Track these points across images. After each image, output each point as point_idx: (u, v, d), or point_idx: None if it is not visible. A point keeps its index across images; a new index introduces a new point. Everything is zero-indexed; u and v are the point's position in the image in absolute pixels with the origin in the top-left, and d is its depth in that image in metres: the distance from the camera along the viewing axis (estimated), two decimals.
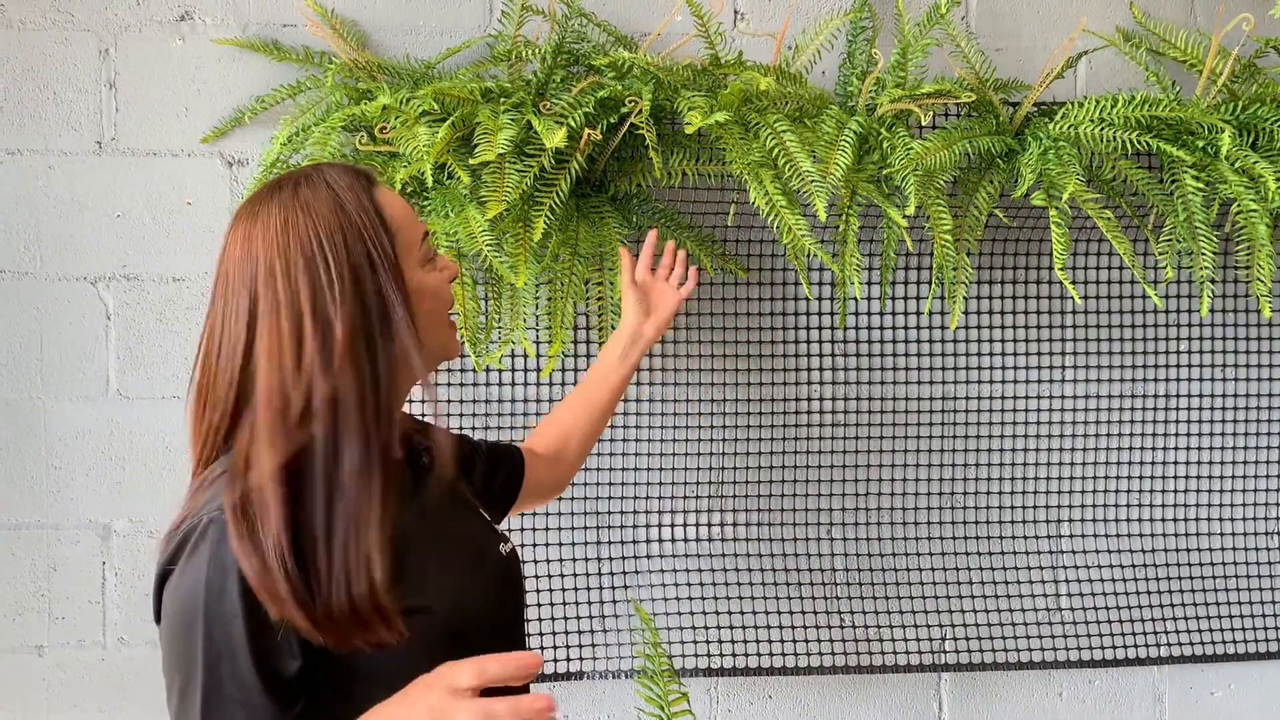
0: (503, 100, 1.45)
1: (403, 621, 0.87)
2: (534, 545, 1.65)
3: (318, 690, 0.89)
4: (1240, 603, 1.75)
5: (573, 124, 1.39)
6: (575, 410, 1.39)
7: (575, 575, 1.66)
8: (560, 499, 1.65)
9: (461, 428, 1.64)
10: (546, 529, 1.66)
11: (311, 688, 0.88)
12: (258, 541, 0.83)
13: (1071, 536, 1.74)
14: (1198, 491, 1.75)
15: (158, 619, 0.89)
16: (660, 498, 1.68)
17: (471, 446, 1.26)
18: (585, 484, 1.66)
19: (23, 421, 1.60)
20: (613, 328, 1.52)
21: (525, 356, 1.63)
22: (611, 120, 1.45)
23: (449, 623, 0.94)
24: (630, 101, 1.43)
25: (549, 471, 1.35)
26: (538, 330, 1.62)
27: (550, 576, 1.66)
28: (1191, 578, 1.75)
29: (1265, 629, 1.75)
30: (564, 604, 1.66)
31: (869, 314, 1.69)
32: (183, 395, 1.62)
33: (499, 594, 1.05)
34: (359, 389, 0.87)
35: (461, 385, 1.63)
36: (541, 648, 1.65)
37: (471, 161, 1.37)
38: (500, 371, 1.64)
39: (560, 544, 1.66)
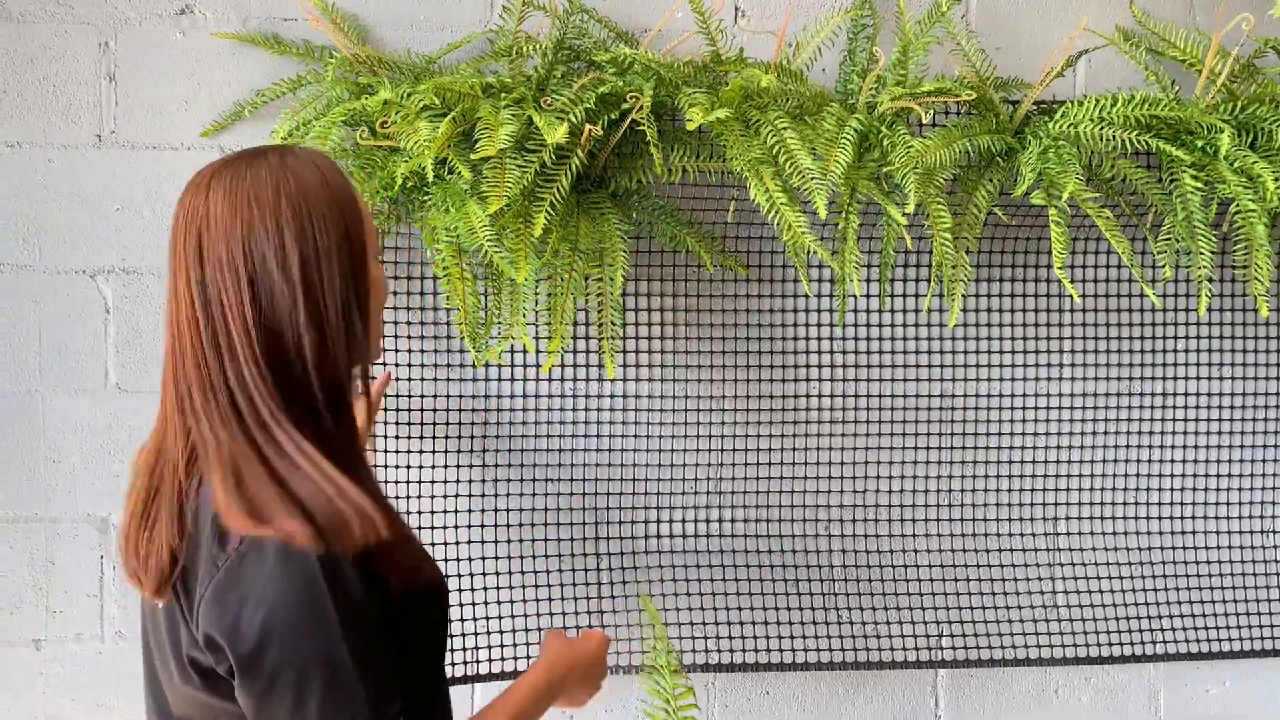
0: (504, 96, 1.45)
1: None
2: (533, 540, 1.66)
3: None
4: (1236, 600, 1.76)
5: (574, 120, 1.39)
6: None
7: (574, 571, 1.67)
8: (559, 494, 1.66)
9: (460, 424, 1.64)
10: (545, 524, 1.66)
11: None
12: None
13: (1068, 534, 1.74)
14: (1194, 490, 1.75)
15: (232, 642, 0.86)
16: (659, 494, 1.68)
17: None
18: (584, 479, 1.66)
19: (21, 414, 1.60)
20: (613, 323, 1.53)
21: (525, 352, 1.63)
22: (612, 116, 1.44)
23: (443, 586, 1.01)
24: (631, 98, 1.43)
25: None
26: (537, 326, 1.62)
27: (549, 572, 1.66)
28: (1188, 575, 1.76)
29: (1261, 626, 1.76)
30: (563, 599, 1.66)
31: (868, 311, 1.70)
32: None
33: None
34: (341, 352, 0.89)
35: (461, 380, 1.64)
36: (540, 644, 1.65)
37: (473, 157, 1.37)
38: (500, 367, 1.64)
39: (559, 539, 1.67)
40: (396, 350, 1.61)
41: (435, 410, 1.64)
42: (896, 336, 1.70)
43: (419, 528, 1.62)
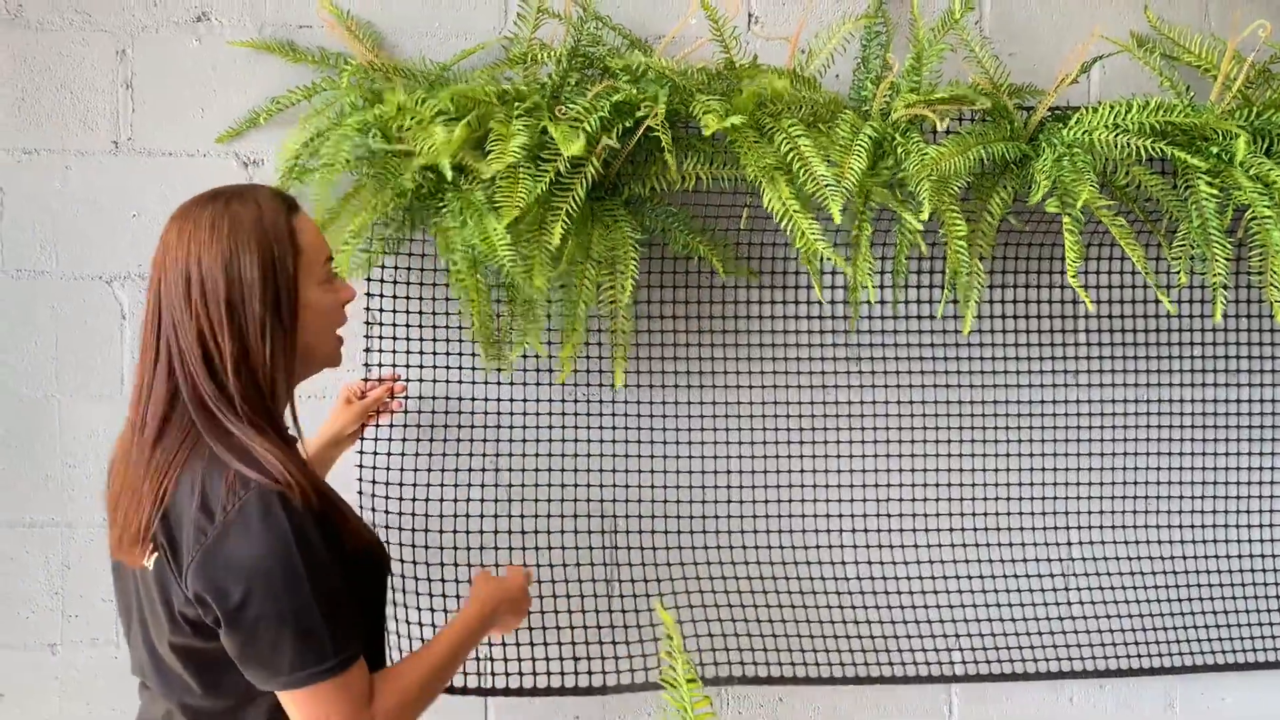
0: (517, 104, 1.46)
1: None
2: (549, 549, 1.66)
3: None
4: (1252, 610, 1.75)
5: (589, 129, 1.39)
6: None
7: (588, 581, 1.66)
8: (574, 501, 1.66)
9: (473, 427, 1.64)
10: (562, 532, 1.66)
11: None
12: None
13: (1083, 544, 1.74)
14: (1211, 498, 1.74)
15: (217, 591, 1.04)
16: (672, 502, 1.68)
17: None
18: (599, 486, 1.66)
19: (38, 419, 1.61)
20: (624, 331, 1.53)
21: (538, 359, 1.63)
22: (627, 124, 1.45)
23: (383, 550, 1.24)
24: (646, 106, 1.43)
25: None
26: (550, 333, 1.62)
27: (563, 582, 1.66)
28: (1203, 585, 1.74)
29: (1276, 637, 1.75)
30: (574, 610, 1.66)
31: (882, 318, 1.69)
32: None
33: None
34: (263, 364, 1.09)
35: (474, 384, 1.64)
36: (560, 658, 1.65)
37: (484, 173, 1.37)
38: (513, 374, 1.64)
39: (577, 547, 1.66)
40: (408, 353, 1.61)
41: (448, 416, 1.64)
42: (911, 343, 1.70)
43: (427, 532, 1.62)
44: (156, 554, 1.08)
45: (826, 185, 1.39)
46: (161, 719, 1.16)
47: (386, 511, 1.60)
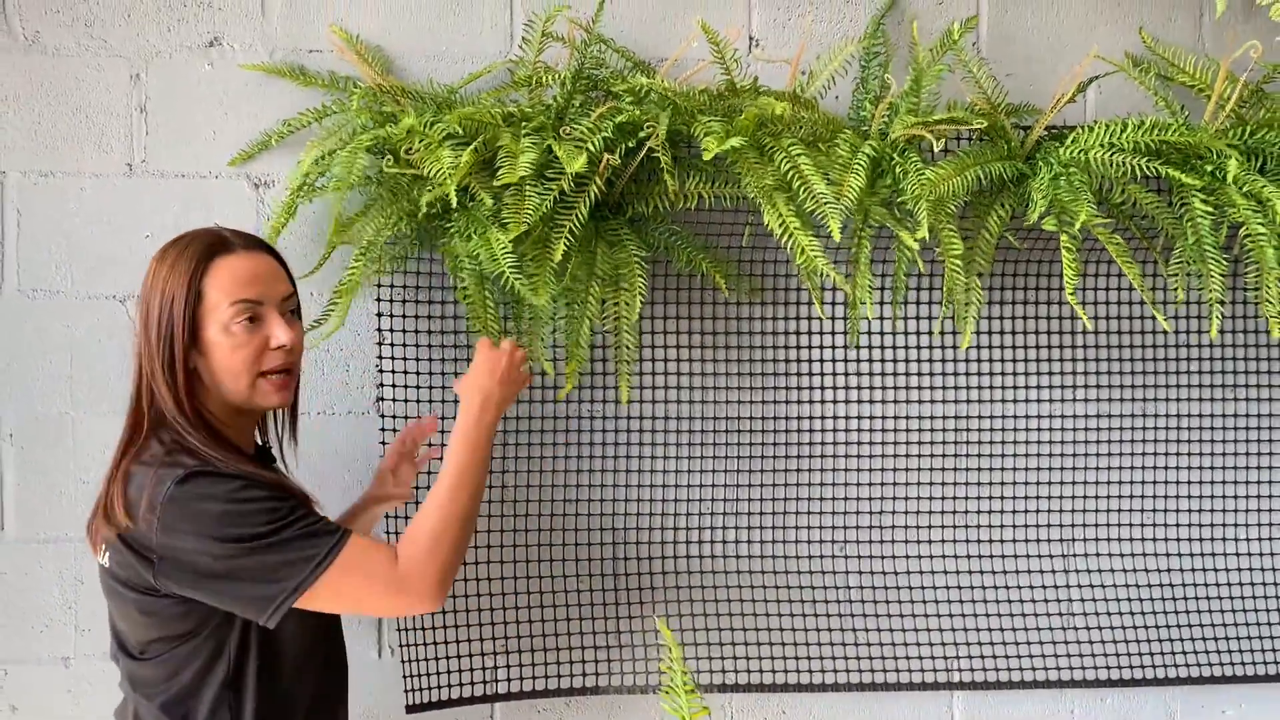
0: (524, 125, 1.49)
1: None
2: (550, 561, 1.68)
3: None
4: (1250, 624, 1.76)
5: (592, 148, 1.42)
6: None
7: (591, 591, 1.69)
8: (577, 515, 1.68)
9: None
10: (564, 544, 1.68)
11: None
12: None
13: (1084, 555, 1.75)
14: (1210, 511, 1.76)
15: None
16: (675, 514, 1.70)
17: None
18: (602, 500, 1.69)
19: (53, 436, 1.64)
20: (629, 347, 1.55)
21: (544, 375, 1.66)
22: (629, 144, 1.48)
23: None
24: (648, 127, 1.46)
25: None
26: (555, 350, 1.64)
27: (567, 592, 1.68)
28: (1202, 598, 1.76)
29: (1276, 650, 1.76)
30: (580, 619, 1.68)
31: (882, 334, 1.72)
32: None
33: None
34: (173, 392, 1.22)
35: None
36: (558, 662, 1.67)
37: (494, 184, 1.40)
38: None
39: (576, 559, 1.69)
40: (418, 372, 1.64)
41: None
42: (911, 359, 1.72)
43: None
44: (109, 550, 1.21)
45: (826, 203, 1.42)
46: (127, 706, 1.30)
47: (393, 516, 1.62)
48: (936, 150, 1.49)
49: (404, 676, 1.61)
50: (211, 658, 1.23)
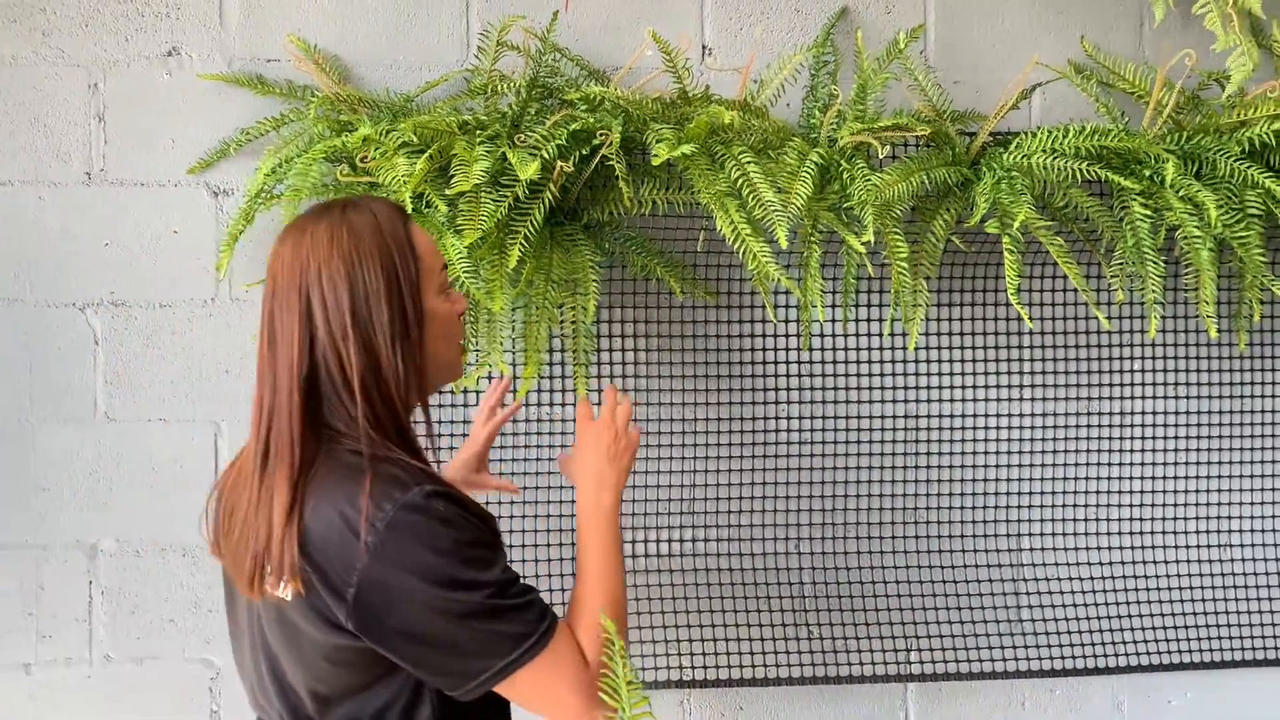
0: (479, 132, 1.51)
1: None
2: (509, 562, 1.70)
3: None
4: (1196, 613, 1.82)
5: (546, 156, 1.45)
6: None
7: (550, 591, 1.71)
8: (535, 516, 1.71)
9: (439, 450, 1.69)
10: (523, 545, 1.71)
11: None
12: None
13: (1032, 549, 1.80)
14: (1154, 505, 1.81)
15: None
16: (632, 514, 1.73)
17: None
18: (558, 501, 1.71)
19: (12, 444, 1.64)
20: (585, 351, 1.58)
21: (502, 378, 1.68)
22: (583, 152, 1.51)
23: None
24: (601, 134, 1.49)
25: None
26: (514, 353, 1.67)
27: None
28: (1149, 589, 1.81)
29: (1220, 639, 1.82)
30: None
31: (834, 335, 1.76)
32: (169, 418, 1.66)
33: None
34: (394, 377, 1.04)
35: (439, 406, 1.69)
36: None
37: (448, 192, 1.42)
38: (478, 393, 1.69)
39: (536, 560, 1.71)
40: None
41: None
42: (863, 360, 1.76)
43: None
44: (293, 584, 0.99)
45: (774, 210, 1.45)
46: None
47: None
48: (882, 156, 1.53)
49: None
50: (412, 702, 1.06)
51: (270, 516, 1.00)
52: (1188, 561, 1.82)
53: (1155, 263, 1.59)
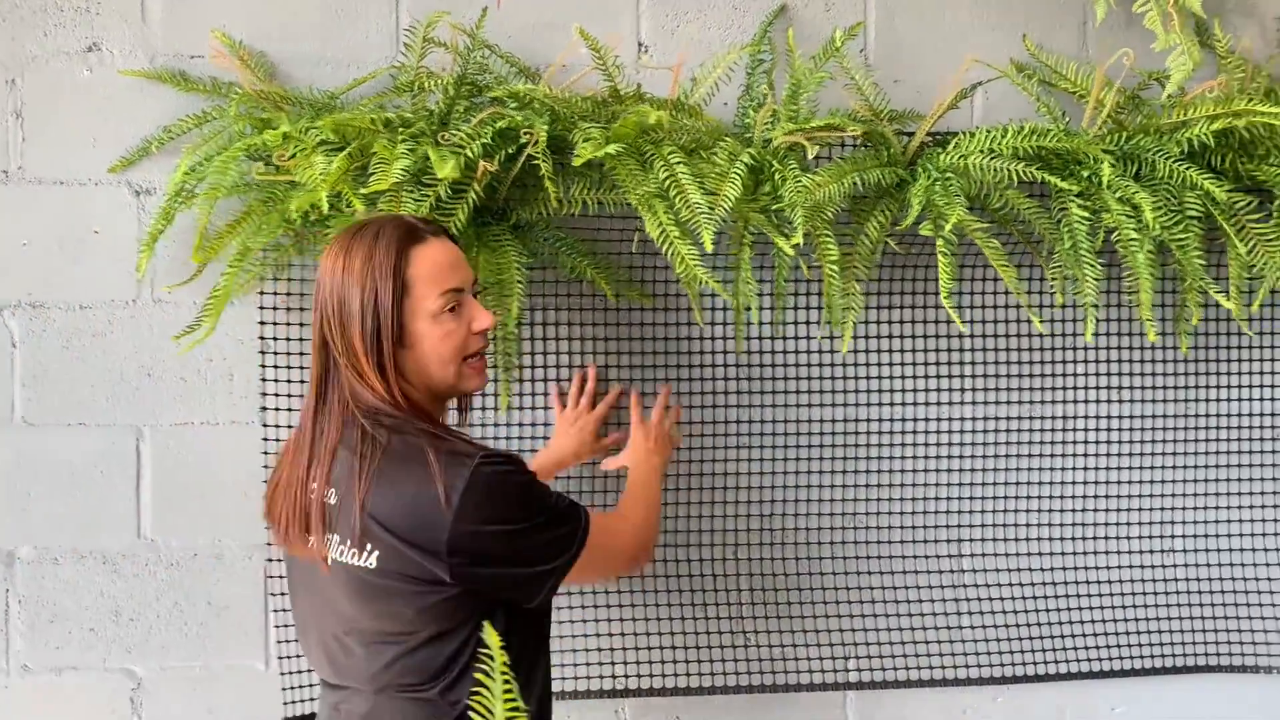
0: (403, 130, 1.48)
1: None
2: None
3: None
4: (1138, 619, 1.80)
5: (469, 154, 1.42)
6: None
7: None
8: None
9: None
10: None
11: None
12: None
13: (972, 555, 1.78)
14: (1094, 510, 1.79)
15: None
16: None
17: None
18: None
19: None
20: (508, 354, 1.55)
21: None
22: (510, 150, 1.47)
23: None
24: (526, 133, 1.46)
25: None
26: None
27: None
28: (1089, 595, 1.79)
29: (1163, 645, 1.80)
30: None
31: (771, 339, 1.73)
32: (89, 422, 1.63)
33: None
34: (381, 383, 1.22)
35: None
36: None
37: (364, 190, 1.39)
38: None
39: None
40: (303, 381, 1.62)
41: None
42: (800, 364, 1.73)
43: None
44: (376, 550, 1.17)
45: (700, 213, 1.42)
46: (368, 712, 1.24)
47: None
48: (813, 157, 1.50)
49: (282, 689, 1.59)
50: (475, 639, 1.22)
51: (355, 489, 1.18)
52: (1130, 567, 1.80)
53: (1092, 265, 1.57)
